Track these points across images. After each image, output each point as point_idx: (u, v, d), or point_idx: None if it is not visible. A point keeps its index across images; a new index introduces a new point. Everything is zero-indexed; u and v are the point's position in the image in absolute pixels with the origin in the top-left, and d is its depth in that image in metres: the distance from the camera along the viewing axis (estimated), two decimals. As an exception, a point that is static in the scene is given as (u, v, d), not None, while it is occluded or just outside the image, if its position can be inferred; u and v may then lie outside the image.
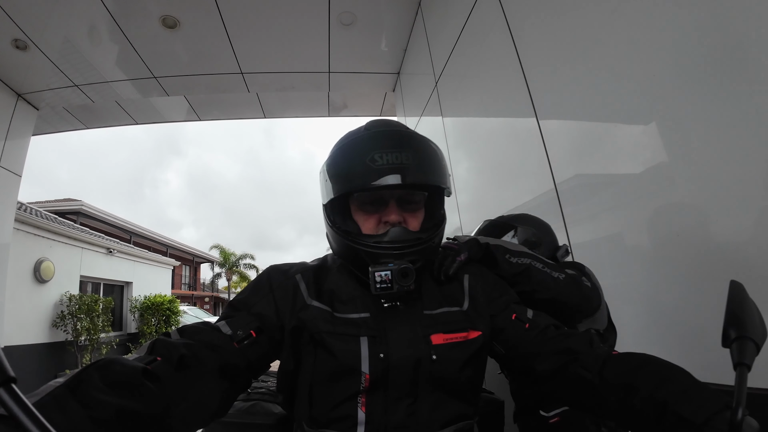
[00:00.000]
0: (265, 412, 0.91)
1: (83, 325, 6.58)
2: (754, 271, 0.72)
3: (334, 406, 0.63)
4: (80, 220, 11.30)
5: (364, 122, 0.76)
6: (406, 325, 0.66)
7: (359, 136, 0.70)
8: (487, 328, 0.71)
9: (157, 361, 0.49)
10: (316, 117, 4.66)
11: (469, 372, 0.68)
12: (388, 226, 0.67)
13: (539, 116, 1.36)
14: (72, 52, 3.14)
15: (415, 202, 0.70)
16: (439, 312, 0.69)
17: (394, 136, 0.69)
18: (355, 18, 2.89)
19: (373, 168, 0.64)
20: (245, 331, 0.62)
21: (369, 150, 0.65)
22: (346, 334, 0.65)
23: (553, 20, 1.26)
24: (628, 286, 1.05)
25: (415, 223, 0.69)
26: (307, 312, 0.67)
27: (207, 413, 0.54)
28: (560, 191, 1.27)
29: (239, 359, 0.60)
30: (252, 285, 0.73)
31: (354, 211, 0.71)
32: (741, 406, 0.38)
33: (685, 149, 0.85)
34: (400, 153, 0.65)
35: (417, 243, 0.66)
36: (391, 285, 0.62)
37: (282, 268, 0.74)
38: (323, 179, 0.71)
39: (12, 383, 0.26)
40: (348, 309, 0.68)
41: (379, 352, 0.63)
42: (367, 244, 0.66)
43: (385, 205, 0.68)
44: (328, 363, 0.64)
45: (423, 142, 0.69)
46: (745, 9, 0.72)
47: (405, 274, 0.62)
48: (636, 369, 0.56)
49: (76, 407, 0.37)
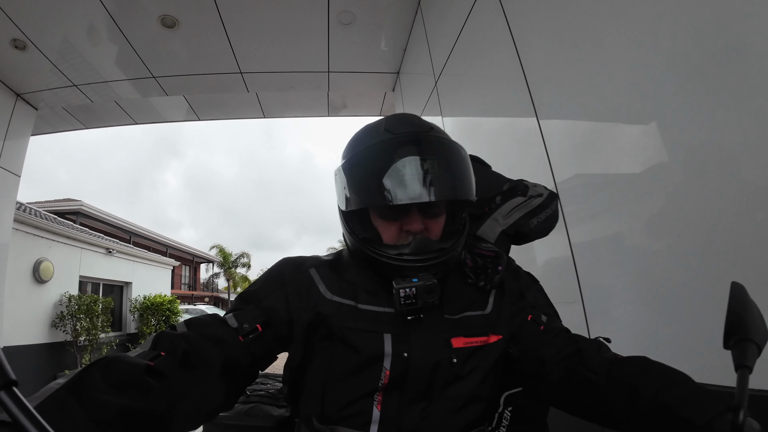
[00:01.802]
0: (265, 415, 0.92)
1: (83, 325, 6.57)
2: (755, 271, 0.72)
3: (349, 403, 0.62)
4: (79, 220, 11.29)
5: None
6: (427, 326, 0.65)
7: (380, 140, 0.64)
8: (507, 332, 0.70)
9: (161, 356, 0.49)
10: (316, 117, 4.66)
11: (490, 379, 0.67)
12: (410, 235, 0.64)
13: (540, 116, 1.36)
14: (71, 52, 3.14)
15: (438, 207, 0.67)
16: (460, 317, 0.68)
17: (420, 142, 0.63)
18: (355, 17, 2.88)
19: (398, 182, 0.60)
20: (251, 325, 0.62)
21: (392, 159, 0.61)
22: (371, 330, 0.63)
23: (554, 19, 1.25)
24: (629, 286, 1.04)
25: (437, 229, 0.67)
26: (326, 306, 0.65)
27: (211, 407, 0.54)
28: (560, 191, 1.27)
29: (243, 353, 0.60)
30: (263, 277, 0.71)
31: (373, 217, 0.67)
32: (743, 408, 0.38)
33: (686, 149, 0.85)
34: (426, 164, 0.61)
35: (440, 254, 0.64)
36: (415, 301, 0.60)
37: (296, 262, 0.73)
38: (340, 185, 0.67)
39: (13, 386, 0.26)
40: (372, 301, 0.66)
41: (402, 350, 0.62)
42: (390, 256, 0.63)
43: (407, 213, 0.64)
44: (348, 358, 0.63)
45: (450, 148, 0.65)
46: (746, 9, 0.72)
47: (430, 290, 0.60)
48: (640, 372, 0.57)
49: (77, 409, 0.37)
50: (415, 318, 0.63)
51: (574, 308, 1.21)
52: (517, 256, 0.87)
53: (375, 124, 0.70)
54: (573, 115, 1.21)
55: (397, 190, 0.60)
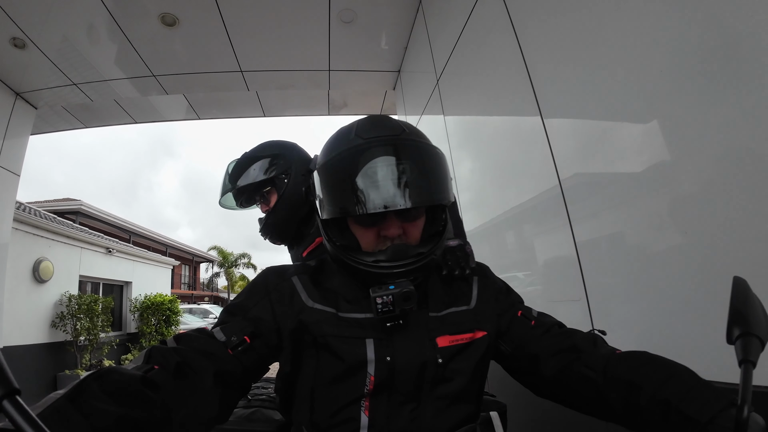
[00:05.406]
0: (266, 419, 0.91)
1: (83, 325, 6.56)
2: (757, 267, 0.71)
3: (337, 410, 0.62)
4: (79, 220, 11.28)
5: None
6: (412, 328, 0.65)
7: (352, 146, 0.63)
8: (492, 327, 0.70)
9: (154, 369, 0.50)
10: (316, 116, 4.65)
11: (478, 376, 0.68)
12: (387, 240, 0.64)
13: (544, 114, 1.35)
14: (70, 51, 3.13)
15: (415, 211, 0.66)
16: (445, 313, 0.68)
17: (390, 147, 0.62)
18: (356, 15, 2.87)
19: (369, 189, 0.59)
20: (239, 337, 0.61)
21: (362, 165, 0.60)
22: (352, 336, 0.63)
23: (558, 17, 1.24)
24: (634, 284, 1.04)
25: (416, 233, 0.66)
26: (308, 314, 0.65)
27: (206, 419, 0.54)
28: (565, 189, 1.26)
29: (234, 366, 0.59)
30: (248, 289, 0.72)
31: (351, 223, 0.66)
32: (747, 403, 0.37)
33: (692, 146, 0.84)
34: (396, 168, 0.60)
35: (418, 259, 0.63)
36: (393, 308, 0.60)
37: (279, 270, 0.73)
38: (316, 191, 0.66)
39: (16, 395, 0.27)
40: (353, 308, 0.66)
41: (385, 355, 0.62)
42: (366, 263, 0.63)
43: (383, 219, 0.63)
44: (332, 366, 0.63)
45: (423, 151, 0.64)
46: (748, 8, 0.71)
47: (407, 297, 0.60)
48: (639, 367, 0.56)
49: (77, 417, 0.38)
50: (395, 324, 0.63)
51: (578, 306, 1.21)
52: (521, 254, 0.87)
53: (346, 128, 0.69)
54: (578, 114, 1.20)
55: (368, 198, 0.59)
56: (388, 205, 0.59)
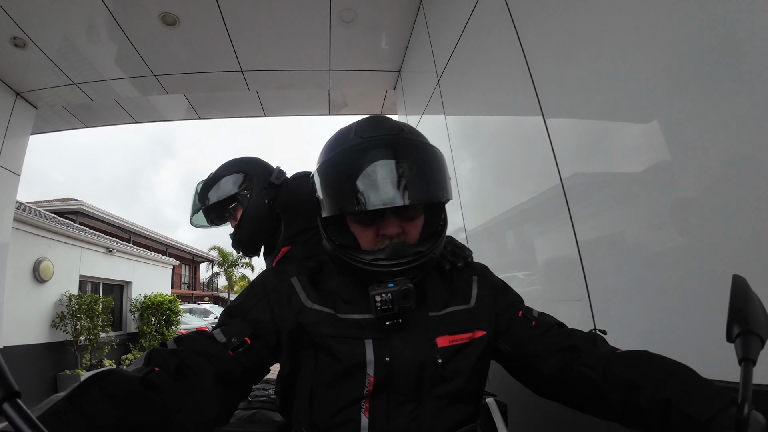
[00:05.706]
0: (267, 420, 0.91)
1: (83, 324, 6.56)
2: (757, 266, 0.70)
3: (336, 411, 0.62)
4: (79, 220, 11.28)
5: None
6: (410, 328, 0.65)
7: (351, 145, 0.64)
8: (491, 327, 0.70)
9: (154, 371, 0.50)
10: (317, 115, 4.65)
11: (477, 375, 0.68)
12: (386, 239, 0.64)
13: (546, 114, 1.34)
14: (71, 51, 3.12)
15: (414, 209, 0.66)
16: (444, 313, 0.68)
17: (389, 145, 0.63)
18: (356, 15, 2.87)
19: (368, 187, 0.60)
20: (239, 339, 0.61)
21: (363, 164, 0.61)
22: (350, 337, 0.63)
23: (559, 16, 1.24)
24: (636, 283, 1.03)
25: (414, 232, 0.66)
26: (306, 315, 0.65)
27: (207, 420, 0.54)
28: (567, 188, 1.26)
29: (234, 367, 0.59)
30: (247, 290, 0.72)
31: (350, 222, 0.67)
32: (747, 402, 0.37)
33: (695, 146, 0.84)
34: (396, 166, 0.60)
35: (416, 258, 0.63)
36: (392, 306, 0.60)
37: (277, 271, 0.73)
38: (316, 189, 0.67)
39: (17, 397, 0.27)
40: (352, 309, 0.66)
41: (384, 355, 0.62)
42: (365, 262, 0.63)
43: (382, 217, 0.64)
44: (331, 367, 0.63)
45: (422, 150, 0.65)
46: (748, 8, 0.71)
47: (406, 295, 0.60)
48: (639, 367, 0.56)
49: (78, 419, 0.38)
50: (394, 323, 0.63)
51: (580, 305, 1.20)
52: (523, 254, 0.87)
53: (346, 128, 0.70)
54: (580, 113, 1.20)
55: (367, 196, 0.59)
56: (386, 203, 0.59)
